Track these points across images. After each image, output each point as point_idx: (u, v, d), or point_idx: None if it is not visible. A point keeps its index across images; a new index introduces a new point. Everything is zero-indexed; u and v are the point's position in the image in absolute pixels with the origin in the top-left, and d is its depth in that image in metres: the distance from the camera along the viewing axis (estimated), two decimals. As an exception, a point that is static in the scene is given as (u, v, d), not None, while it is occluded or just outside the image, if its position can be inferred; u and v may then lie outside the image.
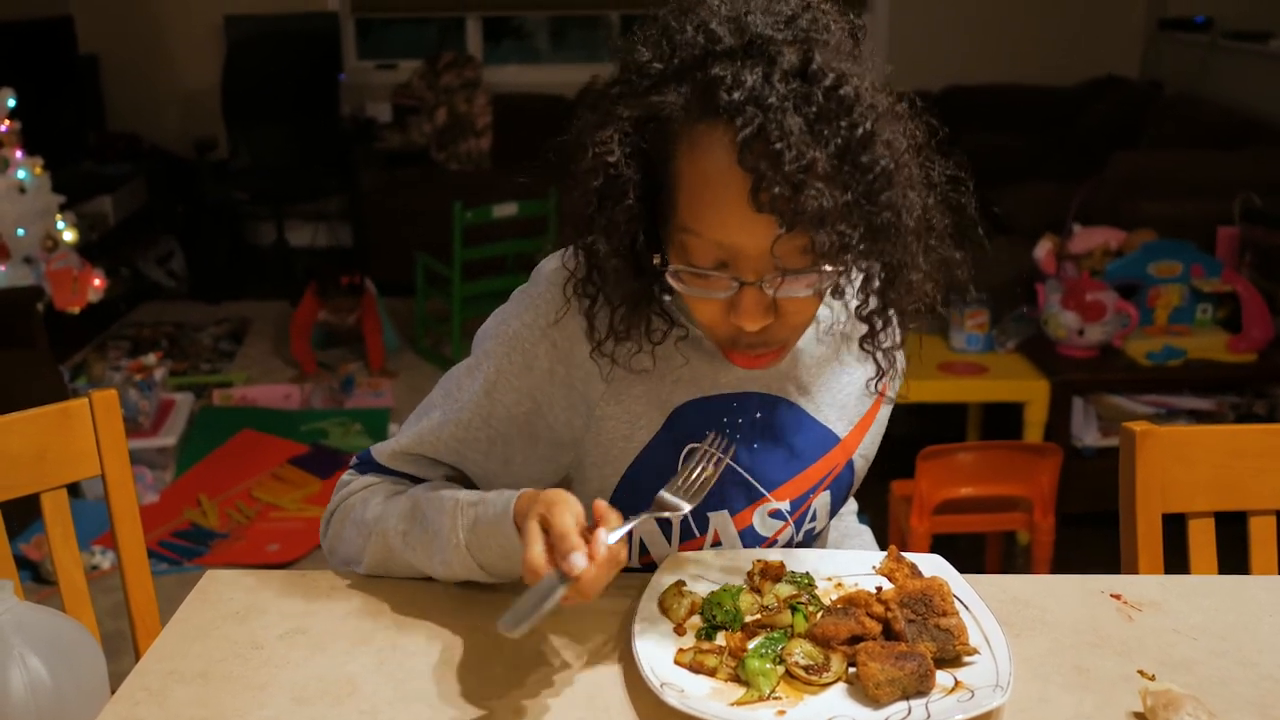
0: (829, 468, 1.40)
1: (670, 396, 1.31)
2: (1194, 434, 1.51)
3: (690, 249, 1.13)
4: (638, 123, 1.12)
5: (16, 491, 1.47)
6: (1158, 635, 1.21)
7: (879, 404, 1.45)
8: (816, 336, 1.37)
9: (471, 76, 6.49)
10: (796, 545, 1.40)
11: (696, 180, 1.10)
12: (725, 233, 1.10)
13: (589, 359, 1.27)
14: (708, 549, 1.35)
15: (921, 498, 2.96)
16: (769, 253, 1.08)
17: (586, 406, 1.30)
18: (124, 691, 1.11)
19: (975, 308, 3.55)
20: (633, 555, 1.35)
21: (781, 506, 1.37)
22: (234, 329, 5.72)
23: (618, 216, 1.14)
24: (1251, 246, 3.78)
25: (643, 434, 1.31)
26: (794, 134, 1.03)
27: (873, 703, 1.05)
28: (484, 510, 1.18)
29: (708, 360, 1.31)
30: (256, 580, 1.32)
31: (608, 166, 1.12)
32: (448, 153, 6.37)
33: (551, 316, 1.27)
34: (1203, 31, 6.12)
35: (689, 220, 1.11)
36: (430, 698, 1.10)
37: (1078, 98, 6.37)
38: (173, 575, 3.38)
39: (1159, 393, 3.61)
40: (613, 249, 1.16)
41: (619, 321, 1.22)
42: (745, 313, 1.13)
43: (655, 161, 1.13)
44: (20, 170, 4.16)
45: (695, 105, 1.09)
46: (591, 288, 1.22)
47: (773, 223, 1.06)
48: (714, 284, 1.14)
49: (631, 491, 1.31)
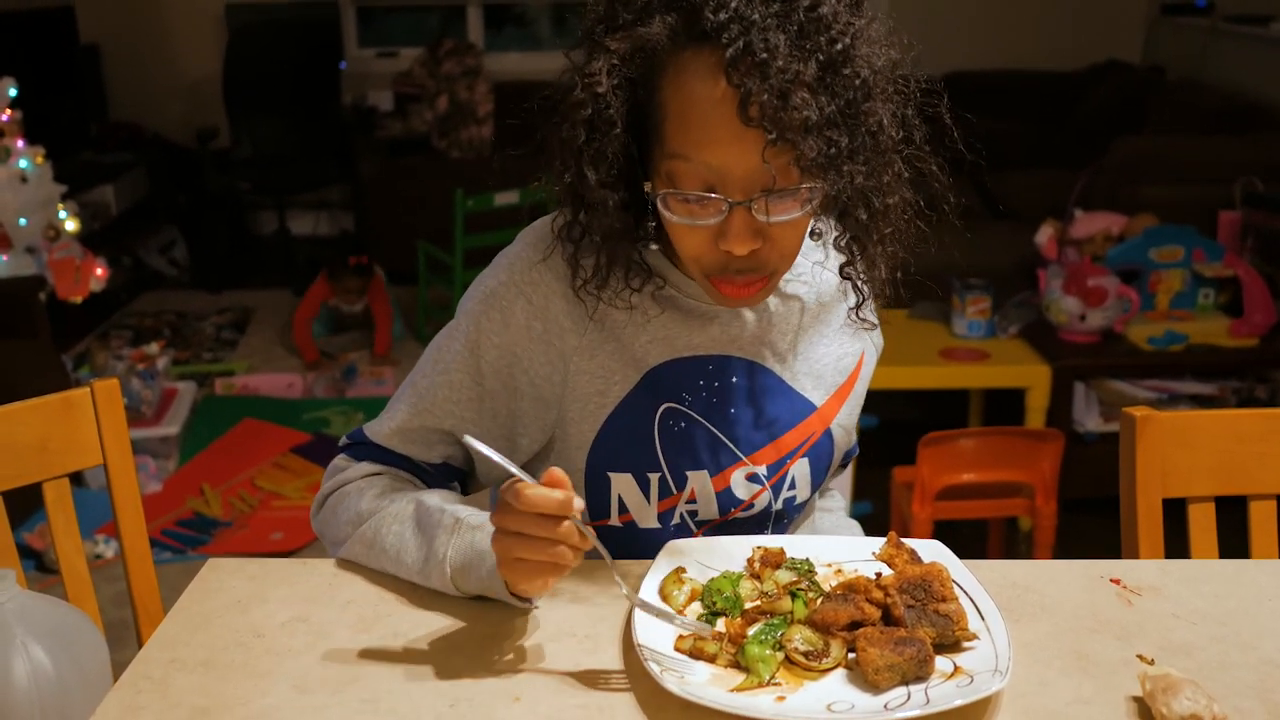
0: (806, 435, 1.41)
1: (645, 356, 1.33)
2: (1194, 419, 1.52)
3: (679, 175, 1.15)
4: (625, 55, 1.16)
5: (19, 481, 1.48)
6: (1157, 620, 1.21)
7: (856, 375, 1.47)
8: (799, 307, 1.40)
9: (473, 64, 6.48)
10: (776, 513, 1.42)
11: (685, 104, 1.13)
12: (714, 152, 1.13)
13: (564, 314, 1.30)
14: (701, 538, 1.36)
15: (923, 484, 2.96)
16: (757, 170, 1.12)
17: (563, 361, 1.32)
18: (126, 679, 1.11)
19: (977, 293, 3.55)
20: (611, 513, 1.37)
21: (759, 471, 1.39)
22: (236, 318, 5.73)
23: (606, 146, 1.17)
24: (1253, 231, 3.78)
25: (617, 390, 1.33)
26: (779, 48, 1.08)
27: (872, 688, 1.05)
28: (480, 539, 1.20)
29: (683, 320, 1.34)
30: (258, 569, 1.32)
31: (596, 98, 1.16)
32: (449, 140, 6.37)
33: (527, 273, 1.30)
34: (1204, 16, 6.10)
35: (678, 145, 1.14)
36: (431, 685, 1.10)
37: (1079, 83, 6.35)
38: (176, 564, 3.39)
39: (1161, 378, 3.61)
40: (600, 179, 1.18)
41: (603, 261, 1.25)
42: (734, 236, 1.15)
43: (643, 92, 1.17)
44: (22, 160, 4.17)
45: (681, 31, 1.13)
46: (577, 229, 1.24)
47: (761, 136, 1.09)
48: (703, 209, 1.16)
49: (607, 450, 1.34)
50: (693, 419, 1.35)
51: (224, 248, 6.49)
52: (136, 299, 6.00)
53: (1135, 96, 5.85)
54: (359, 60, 7.00)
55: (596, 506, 1.37)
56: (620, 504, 1.37)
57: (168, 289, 6.21)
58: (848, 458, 1.60)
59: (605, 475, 1.35)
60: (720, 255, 1.18)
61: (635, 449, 1.34)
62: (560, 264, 1.29)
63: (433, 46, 6.55)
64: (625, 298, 1.30)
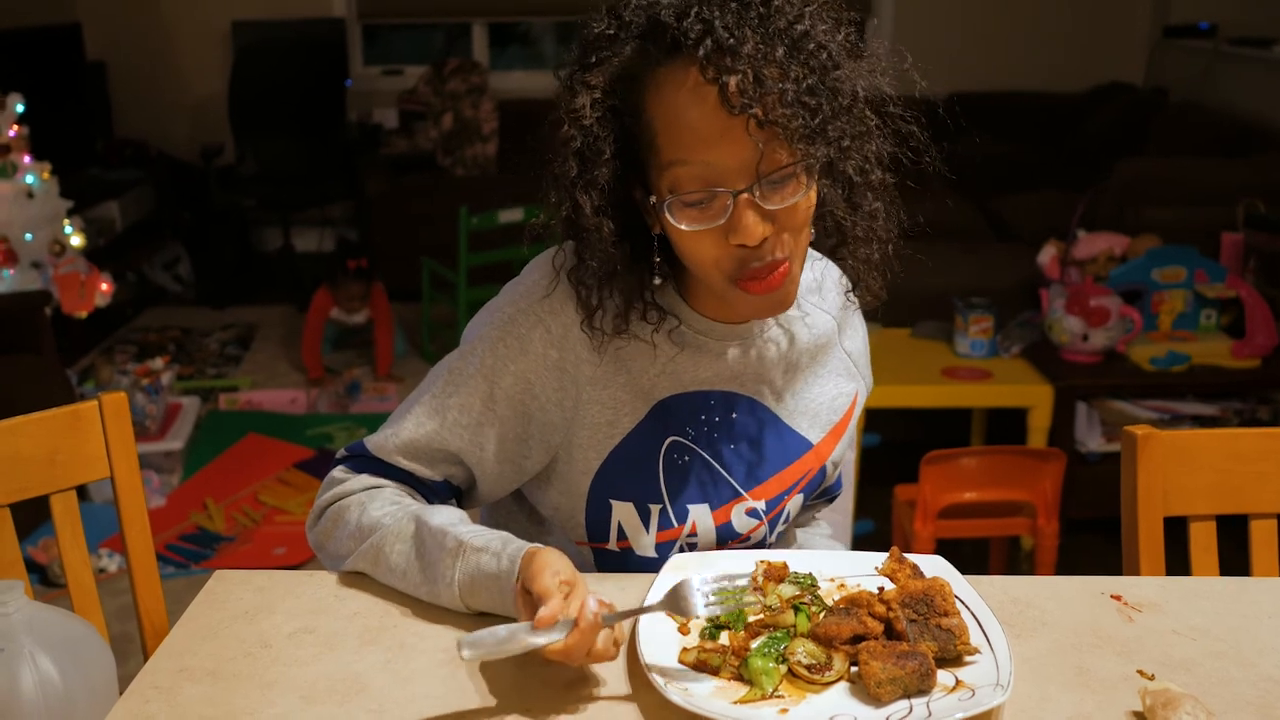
0: (804, 471, 1.45)
1: (654, 388, 1.35)
2: (1195, 437, 1.52)
3: (680, 181, 1.19)
4: (606, 87, 1.21)
5: (26, 494, 1.48)
6: (1158, 636, 1.22)
7: (850, 414, 1.50)
8: (797, 348, 1.43)
9: (478, 82, 6.50)
10: (768, 544, 1.45)
11: (671, 112, 1.17)
12: (708, 148, 1.16)
13: (581, 344, 1.32)
14: (704, 553, 1.36)
15: (925, 502, 2.97)
16: (751, 157, 1.15)
17: (575, 389, 1.33)
18: (134, 689, 1.12)
19: (979, 313, 3.55)
20: (610, 538, 1.39)
21: (758, 506, 1.42)
22: (240, 334, 5.74)
23: (598, 174, 1.21)
24: (1255, 252, 3.78)
25: (626, 421, 1.35)
26: (745, 37, 1.14)
27: (874, 701, 1.06)
28: (487, 561, 1.20)
29: (691, 355, 1.36)
30: (266, 580, 1.33)
31: (584, 130, 1.20)
32: (454, 158, 6.39)
33: (544, 302, 1.32)
34: (1207, 38, 6.11)
35: (673, 152, 1.18)
36: (437, 696, 1.11)
37: (1082, 104, 6.37)
38: (180, 578, 3.39)
39: (1163, 398, 3.61)
40: (595, 206, 1.22)
41: (617, 302, 1.28)
42: (744, 226, 1.18)
43: (630, 119, 1.21)
44: (28, 175, 4.18)
45: (653, 49, 1.18)
46: (585, 271, 1.27)
47: (747, 123, 1.13)
48: (709, 209, 1.19)
49: (610, 478, 1.36)
50: (696, 453, 1.38)
51: (229, 264, 6.51)
52: (141, 314, 6.01)
53: (1138, 118, 5.87)
54: (364, 78, 7.02)
55: (596, 530, 1.39)
56: (620, 531, 1.38)
57: (172, 305, 6.22)
58: (830, 494, 1.65)
59: (607, 502, 1.37)
60: (735, 253, 1.20)
61: (639, 480, 1.36)
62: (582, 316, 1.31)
63: (438, 64, 6.58)
64: (647, 335, 1.32)
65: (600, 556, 1.40)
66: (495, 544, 1.21)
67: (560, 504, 1.39)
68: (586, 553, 1.41)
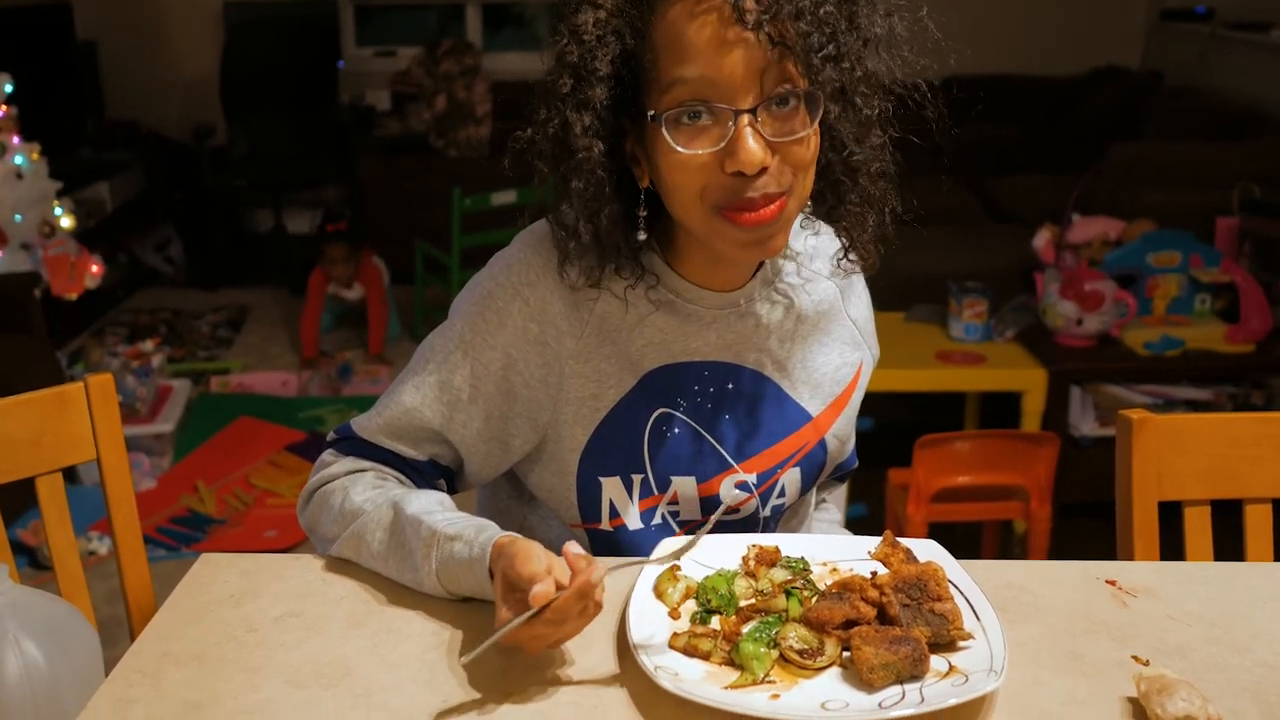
0: (799, 444, 1.41)
1: (641, 359, 1.33)
2: (1190, 422, 1.52)
3: (681, 100, 1.15)
4: (613, 8, 1.18)
5: (12, 475, 1.47)
6: (1152, 621, 1.21)
7: (854, 385, 1.46)
8: (799, 316, 1.40)
9: (471, 64, 6.47)
10: (764, 519, 1.42)
11: (678, 30, 1.14)
12: (712, 62, 1.13)
13: (561, 317, 1.30)
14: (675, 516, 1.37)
15: (918, 486, 2.96)
16: (757, 76, 1.13)
17: (558, 363, 1.31)
18: (118, 673, 1.11)
19: (973, 297, 3.54)
20: (602, 517, 1.37)
21: (749, 479, 1.39)
22: (231, 316, 5.73)
23: (592, 94, 1.18)
24: (1250, 237, 3.78)
25: (611, 394, 1.33)
26: None
27: (867, 686, 1.05)
28: (460, 549, 1.18)
29: (680, 324, 1.33)
30: (251, 564, 1.32)
31: (582, 44, 1.18)
32: (447, 140, 6.36)
33: (524, 274, 1.30)
34: (1204, 22, 6.10)
35: (675, 70, 1.15)
36: (424, 681, 1.10)
37: (1078, 88, 6.36)
38: (170, 561, 3.39)
39: (1157, 383, 3.60)
40: (585, 126, 1.19)
41: (596, 240, 1.24)
42: (743, 151, 1.14)
43: (633, 41, 1.17)
44: (18, 156, 4.16)
45: None
46: (567, 208, 1.23)
47: (756, 39, 1.11)
48: (707, 131, 1.15)
49: (598, 454, 1.34)
50: (685, 424, 1.35)
51: (220, 246, 6.48)
52: (132, 296, 6.00)
53: (1134, 102, 5.86)
54: (357, 59, 6.99)
55: (588, 510, 1.37)
56: (611, 508, 1.36)
57: (163, 286, 6.21)
58: (843, 471, 1.59)
59: (597, 480, 1.35)
60: (729, 182, 1.16)
61: (624, 451, 1.34)
62: (557, 266, 1.29)
63: (431, 46, 6.54)
64: (620, 291, 1.30)
65: (594, 538, 1.39)
66: (469, 531, 1.19)
67: (553, 485, 1.37)
68: (581, 536, 1.40)
